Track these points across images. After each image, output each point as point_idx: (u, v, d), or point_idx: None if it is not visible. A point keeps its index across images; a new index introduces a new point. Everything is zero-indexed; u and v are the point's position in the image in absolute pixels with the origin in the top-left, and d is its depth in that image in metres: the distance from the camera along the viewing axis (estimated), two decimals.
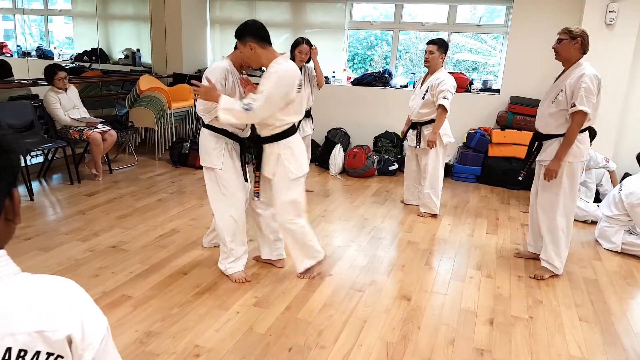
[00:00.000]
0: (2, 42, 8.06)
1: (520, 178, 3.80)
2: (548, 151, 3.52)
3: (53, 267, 3.40)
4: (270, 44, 3.01)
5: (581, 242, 4.41)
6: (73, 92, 5.58)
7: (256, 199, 3.34)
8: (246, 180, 3.38)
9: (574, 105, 3.31)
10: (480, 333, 2.89)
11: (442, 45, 4.55)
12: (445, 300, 3.26)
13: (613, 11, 5.20)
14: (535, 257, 3.90)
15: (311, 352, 2.61)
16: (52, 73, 5.31)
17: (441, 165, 4.79)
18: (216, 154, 3.18)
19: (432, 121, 4.62)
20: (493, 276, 3.65)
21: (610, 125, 5.42)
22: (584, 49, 3.39)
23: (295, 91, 2.99)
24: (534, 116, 3.70)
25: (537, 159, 3.62)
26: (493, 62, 7.23)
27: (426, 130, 4.68)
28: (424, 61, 4.61)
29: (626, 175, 5.33)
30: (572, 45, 3.37)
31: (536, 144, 3.66)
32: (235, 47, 3.14)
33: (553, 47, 3.46)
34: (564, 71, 3.52)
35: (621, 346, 2.85)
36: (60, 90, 5.36)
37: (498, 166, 6.10)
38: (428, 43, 4.59)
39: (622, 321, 3.12)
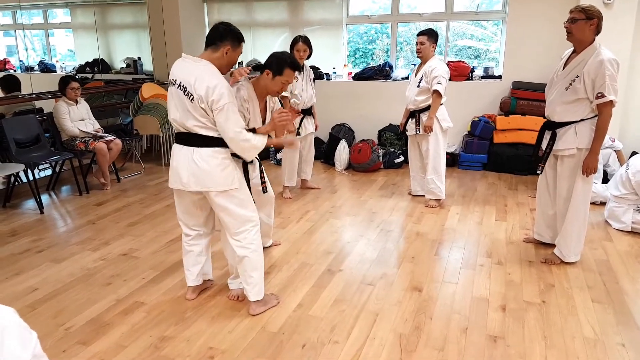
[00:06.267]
0: (5, 59, 8.13)
1: (538, 172, 3.72)
2: (564, 139, 3.38)
3: (65, 278, 3.43)
4: None
5: (591, 223, 4.38)
6: (83, 105, 5.71)
7: None
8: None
9: (603, 96, 3.14)
10: (493, 320, 2.89)
11: (432, 35, 4.65)
12: (456, 289, 3.26)
13: None
14: (545, 244, 3.88)
15: (324, 347, 2.62)
16: (65, 83, 5.51)
17: (442, 150, 4.81)
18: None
19: (429, 107, 4.69)
20: (504, 263, 3.65)
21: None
22: (598, 30, 3.22)
23: None
24: (538, 100, 3.62)
25: (554, 148, 3.46)
26: (494, 48, 7.19)
27: (424, 117, 4.74)
28: (416, 52, 4.73)
29: (633, 153, 5.29)
30: (587, 26, 3.18)
31: (546, 132, 3.55)
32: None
33: (565, 26, 3.25)
34: (574, 52, 3.35)
35: (635, 325, 2.84)
36: (71, 102, 5.51)
37: (504, 152, 6.07)
38: (418, 34, 4.70)
39: (635, 300, 3.11)
